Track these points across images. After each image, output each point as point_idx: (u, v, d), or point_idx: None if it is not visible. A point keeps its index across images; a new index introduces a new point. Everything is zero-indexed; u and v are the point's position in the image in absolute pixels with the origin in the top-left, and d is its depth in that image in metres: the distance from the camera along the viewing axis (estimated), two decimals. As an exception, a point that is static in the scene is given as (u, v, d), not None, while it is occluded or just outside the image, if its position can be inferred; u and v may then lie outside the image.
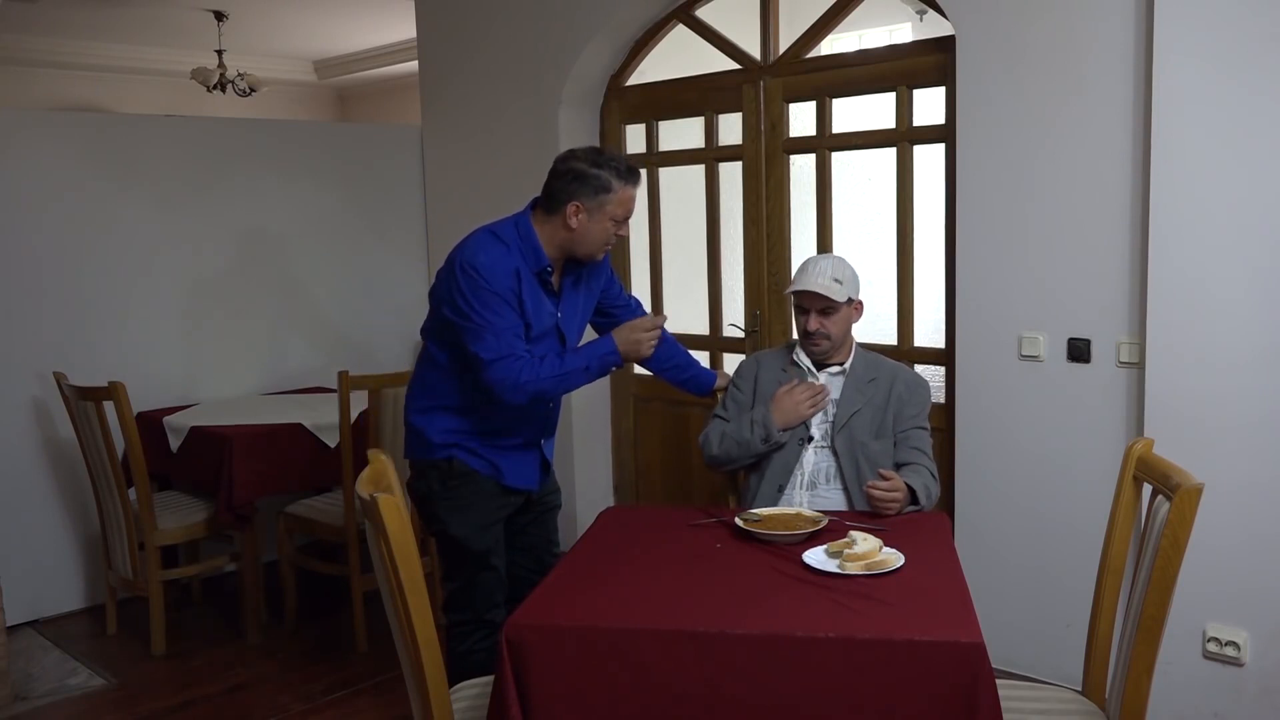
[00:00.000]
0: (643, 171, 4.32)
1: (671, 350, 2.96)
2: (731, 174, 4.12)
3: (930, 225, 3.56)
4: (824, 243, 3.82)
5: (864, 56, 3.77)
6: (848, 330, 2.72)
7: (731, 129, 4.09)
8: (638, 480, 4.58)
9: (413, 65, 6.50)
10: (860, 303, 2.73)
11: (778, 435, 2.63)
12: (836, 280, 2.66)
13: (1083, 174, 3.02)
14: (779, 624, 1.84)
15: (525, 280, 2.52)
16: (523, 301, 2.51)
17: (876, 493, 2.43)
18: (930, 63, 3.46)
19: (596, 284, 2.77)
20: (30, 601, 4.03)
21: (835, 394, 2.70)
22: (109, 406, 3.58)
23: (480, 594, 2.66)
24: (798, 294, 2.70)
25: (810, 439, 2.68)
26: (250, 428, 3.88)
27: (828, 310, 2.66)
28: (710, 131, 4.17)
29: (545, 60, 4.40)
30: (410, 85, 7.00)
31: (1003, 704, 1.78)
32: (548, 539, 2.85)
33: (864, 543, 2.11)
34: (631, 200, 2.57)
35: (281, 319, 4.76)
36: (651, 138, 4.37)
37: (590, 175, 2.51)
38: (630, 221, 4.32)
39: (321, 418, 3.96)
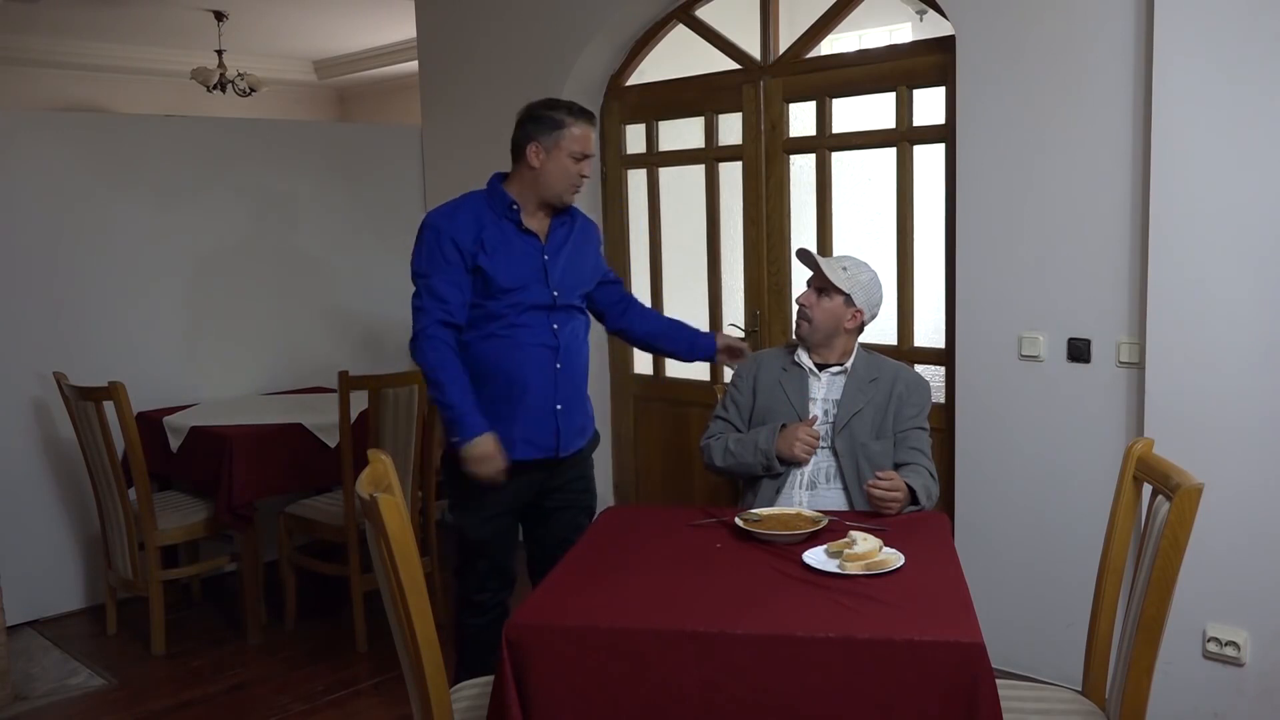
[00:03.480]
0: (643, 171, 4.39)
1: (647, 319, 3.03)
2: (731, 174, 4.12)
3: (930, 225, 3.56)
4: (824, 242, 3.82)
5: (864, 56, 3.77)
6: (833, 327, 2.68)
7: (731, 129, 4.09)
8: (638, 480, 4.58)
9: (413, 65, 6.50)
10: (860, 312, 2.69)
11: (778, 468, 2.63)
12: (844, 269, 2.68)
13: (1083, 174, 3.02)
14: (779, 624, 1.84)
15: (490, 226, 2.69)
16: (484, 246, 2.65)
17: (877, 491, 2.43)
18: (930, 63, 3.46)
19: (588, 252, 2.85)
20: (30, 601, 4.03)
21: (836, 394, 2.70)
22: (109, 406, 3.58)
23: (470, 576, 2.83)
24: (804, 259, 2.73)
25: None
26: (250, 428, 3.88)
27: (822, 290, 2.68)
28: (710, 131, 4.17)
29: (545, 60, 4.40)
30: (410, 85, 7.00)
31: (1003, 704, 1.78)
32: (563, 538, 2.81)
33: (864, 543, 2.11)
34: (586, 138, 2.68)
35: (281, 319, 4.76)
36: (651, 138, 4.37)
37: (544, 116, 2.68)
38: (630, 219, 4.36)
39: (321, 418, 3.96)
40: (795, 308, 2.76)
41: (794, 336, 2.81)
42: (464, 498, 2.78)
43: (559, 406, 2.75)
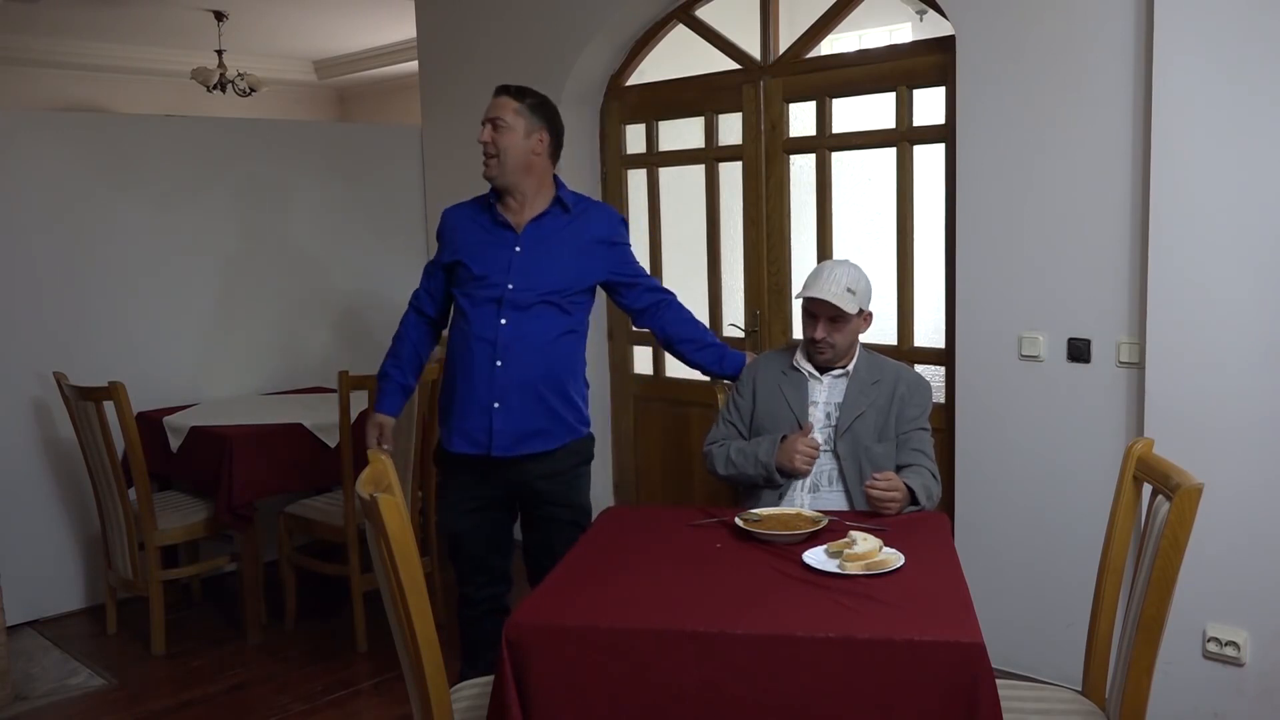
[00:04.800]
0: (643, 171, 4.39)
1: (677, 325, 2.98)
2: (731, 174, 4.12)
3: (930, 225, 3.56)
4: (824, 242, 3.82)
5: (864, 56, 3.77)
6: (855, 340, 2.69)
7: (731, 129, 4.09)
8: (638, 480, 4.58)
9: (413, 65, 6.50)
10: (870, 314, 2.69)
11: (779, 480, 2.62)
12: (850, 290, 2.61)
13: (1083, 174, 3.02)
14: (779, 624, 1.84)
15: (471, 221, 2.85)
16: (457, 241, 2.83)
17: (875, 492, 2.43)
18: (930, 63, 3.46)
19: (580, 249, 2.82)
20: (30, 601, 4.03)
21: (839, 397, 2.69)
22: (109, 406, 3.57)
23: (457, 568, 2.95)
24: (808, 300, 2.65)
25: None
26: (250, 428, 3.88)
27: (837, 319, 2.62)
28: (710, 131, 4.17)
29: (545, 60, 4.40)
30: (410, 85, 7.00)
31: (1003, 704, 1.78)
32: (547, 547, 2.83)
33: (864, 543, 2.11)
34: (489, 106, 2.81)
35: (281, 319, 4.76)
36: (651, 138, 4.37)
37: None
38: (630, 219, 4.38)
39: (321, 418, 3.96)
40: (809, 341, 2.67)
41: (800, 348, 2.78)
42: (439, 492, 2.97)
43: (496, 404, 2.72)
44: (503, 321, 2.72)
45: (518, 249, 2.76)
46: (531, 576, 2.92)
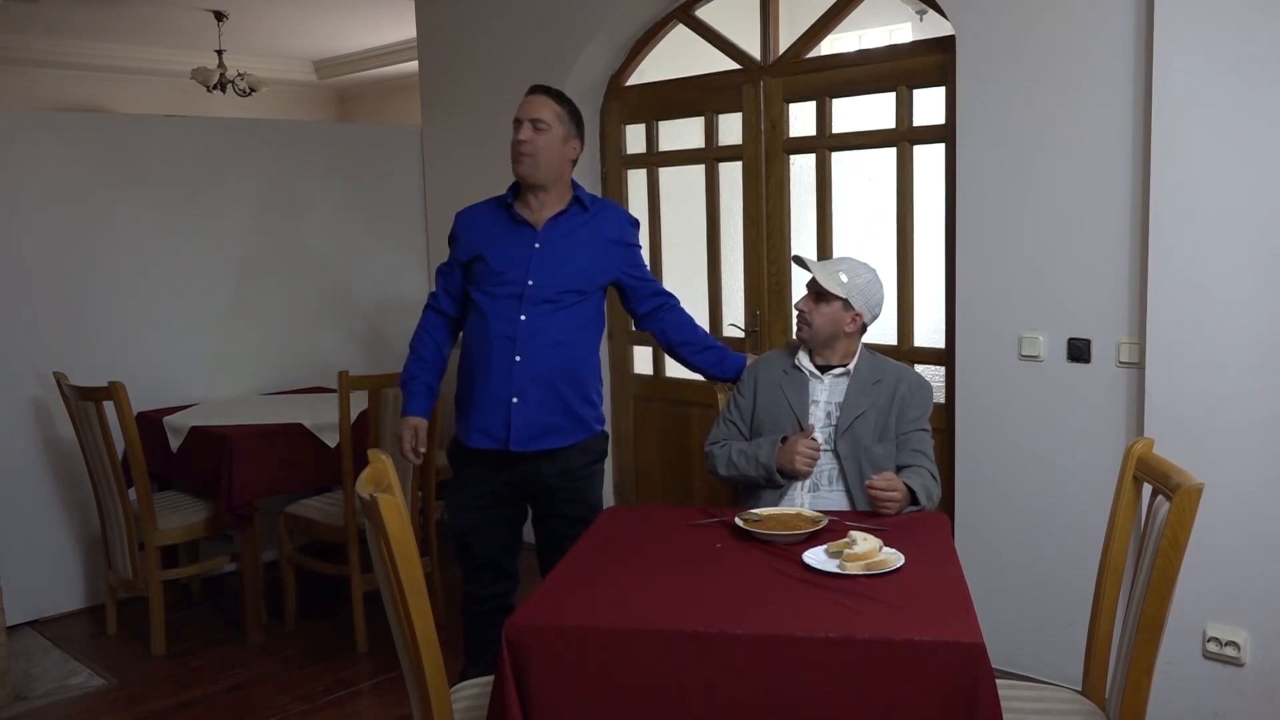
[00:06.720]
0: (643, 171, 4.39)
1: (678, 329, 3.00)
2: (731, 174, 4.12)
3: (930, 225, 3.56)
4: (824, 243, 3.82)
5: (864, 56, 3.77)
6: (833, 331, 2.67)
7: (731, 129, 4.09)
8: (638, 480, 4.58)
9: (413, 65, 6.50)
10: (859, 315, 2.68)
11: (780, 481, 2.62)
12: (842, 277, 2.66)
13: (1083, 174, 3.02)
14: (779, 624, 1.84)
15: (490, 220, 2.85)
16: (478, 239, 2.83)
17: (874, 491, 2.43)
18: (930, 63, 3.47)
19: (596, 247, 2.84)
20: (30, 601, 4.03)
21: (839, 397, 2.69)
22: (109, 406, 3.58)
23: (464, 565, 2.98)
24: (800, 265, 2.75)
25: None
26: (250, 428, 3.88)
27: (819, 297, 2.67)
28: (710, 131, 4.17)
29: (545, 60, 4.40)
30: (410, 85, 7.00)
31: (1003, 704, 1.78)
32: (556, 545, 2.84)
33: (864, 543, 2.11)
34: (523, 105, 2.82)
35: (281, 319, 4.76)
36: (651, 138, 4.37)
37: None
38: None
39: (321, 418, 3.96)
40: (795, 312, 2.76)
41: (801, 346, 2.79)
42: (449, 489, 2.96)
43: (515, 399, 2.75)
44: (523, 317, 2.74)
45: (537, 246, 2.78)
46: (545, 575, 2.92)
